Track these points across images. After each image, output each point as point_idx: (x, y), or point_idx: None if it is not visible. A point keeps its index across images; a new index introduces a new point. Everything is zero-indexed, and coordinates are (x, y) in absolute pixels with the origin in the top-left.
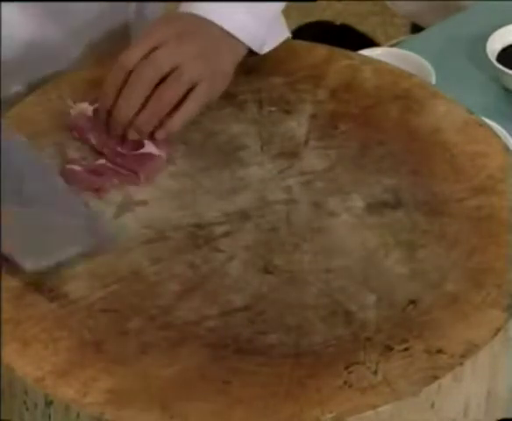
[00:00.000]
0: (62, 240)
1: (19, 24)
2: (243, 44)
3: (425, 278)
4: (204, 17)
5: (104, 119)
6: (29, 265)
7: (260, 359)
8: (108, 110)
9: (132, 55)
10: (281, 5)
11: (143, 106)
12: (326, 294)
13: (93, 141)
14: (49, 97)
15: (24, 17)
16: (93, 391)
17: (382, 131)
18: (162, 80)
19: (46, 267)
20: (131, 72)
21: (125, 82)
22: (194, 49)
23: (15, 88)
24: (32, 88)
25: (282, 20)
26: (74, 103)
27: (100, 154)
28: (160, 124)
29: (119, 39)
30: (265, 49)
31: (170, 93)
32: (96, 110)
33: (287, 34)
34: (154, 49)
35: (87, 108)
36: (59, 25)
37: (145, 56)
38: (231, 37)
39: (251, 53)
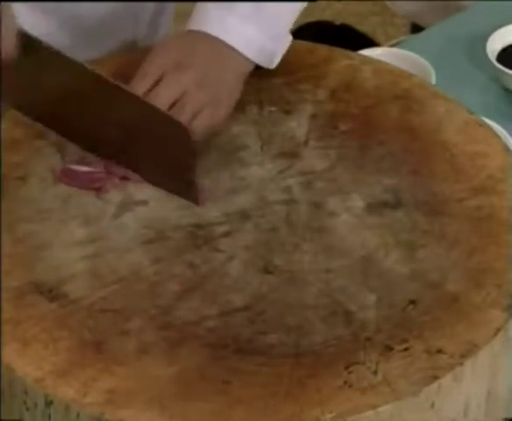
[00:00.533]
0: None
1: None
2: (248, 59)
3: (425, 278)
4: (209, 32)
5: None
6: None
7: (260, 359)
8: None
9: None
10: (292, 20)
11: None
12: (326, 294)
13: None
14: None
15: (34, 19)
16: (93, 391)
17: (382, 131)
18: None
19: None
20: None
21: None
22: (194, 77)
23: None
24: None
25: None
26: None
27: None
28: None
29: (129, 45)
30: (275, 62)
31: None
32: None
33: (290, 38)
34: (156, 84)
35: None
36: (66, 29)
37: (146, 93)
38: (237, 52)
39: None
